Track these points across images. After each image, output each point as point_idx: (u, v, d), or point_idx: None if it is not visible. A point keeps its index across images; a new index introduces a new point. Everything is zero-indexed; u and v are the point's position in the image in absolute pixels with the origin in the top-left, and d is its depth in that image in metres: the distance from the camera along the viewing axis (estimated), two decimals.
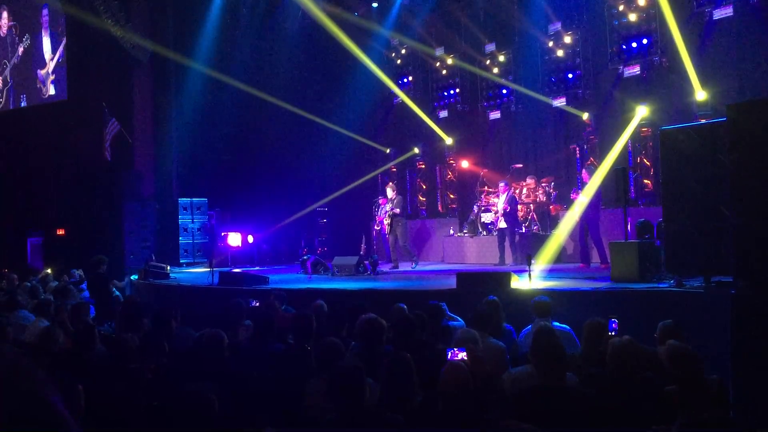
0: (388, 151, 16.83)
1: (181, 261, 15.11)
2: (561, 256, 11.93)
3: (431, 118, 15.58)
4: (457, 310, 6.35)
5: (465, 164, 14.98)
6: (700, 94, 10.99)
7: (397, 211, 12.58)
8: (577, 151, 13.48)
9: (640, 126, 12.08)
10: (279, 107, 15.53)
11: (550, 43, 13.67)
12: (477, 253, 13.29)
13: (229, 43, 16.01)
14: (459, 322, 6.09)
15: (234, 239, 15.16)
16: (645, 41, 12.18)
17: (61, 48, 18.24)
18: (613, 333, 4.86)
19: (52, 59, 18.53)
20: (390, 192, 12.86)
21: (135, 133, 15.94)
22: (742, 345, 5.31)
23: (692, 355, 3.55)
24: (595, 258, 10.97)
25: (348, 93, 16.14)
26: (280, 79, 16.06)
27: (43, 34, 18.81)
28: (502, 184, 12.44)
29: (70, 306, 7.31)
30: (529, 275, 8.15)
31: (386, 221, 12.71)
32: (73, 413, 1.23)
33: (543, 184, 13.08)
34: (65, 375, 3.73)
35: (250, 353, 5.24)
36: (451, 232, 14.42)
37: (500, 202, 12.32)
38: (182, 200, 15.55)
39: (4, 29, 19.86)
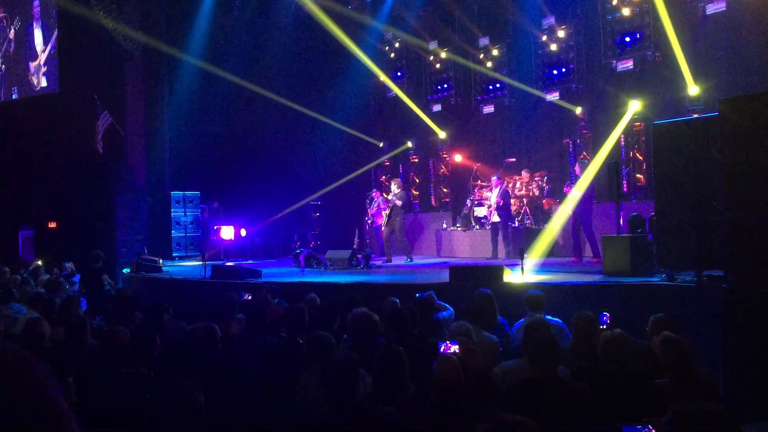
0: (381, 144, 16.83)
1: (173, 254, 15.06)
2: (553, 250, 11.97)
3: (425, 112, 15.57)
4: (449, 303, 6.37)
5: (458, 158, 14.99)
6: (693, 89, 11.02)
7: (399, 203, 12.67)
8: (570, 146, 13.50)
9: (633, 120, 12.11)
10: (272, 100, 15.50)
11: (544, 38, 13.68)
12: (470, 246, 13.32)
13: (222, 35, 15.94)
14: (449, 310, 6.11)
15: (227, 233, 15.13)
16: (638, 35, 12.20)
17: (52, 40, 18.10)
18: (604, 326, 4.88)
19: (43, 51, 18.39)
20: (394, 187, 13.00)
21: (127, 125, 15.84)
22: (733, 338, 5.35)
23: (685, 345, 3.56)
24: (588, 252, 11.00)
25: (341, 86, 16.12)
26: (273, 73, 16.02)
27: (34, 25, 18.66)
28: (494, 178, 12.45)
29: (59, 299, 7.27)
30: (522, 269, 8.18)
31: (385, 213, 12.83)
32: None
33: (536, 178, 13.10)
34: (57, 368, 3.71)
35: (243, 346, 5.23)
36: (444, 226, 14.44)
37: (493, 196, 12.33)
38: (175, 193, 15.47)
39: None
